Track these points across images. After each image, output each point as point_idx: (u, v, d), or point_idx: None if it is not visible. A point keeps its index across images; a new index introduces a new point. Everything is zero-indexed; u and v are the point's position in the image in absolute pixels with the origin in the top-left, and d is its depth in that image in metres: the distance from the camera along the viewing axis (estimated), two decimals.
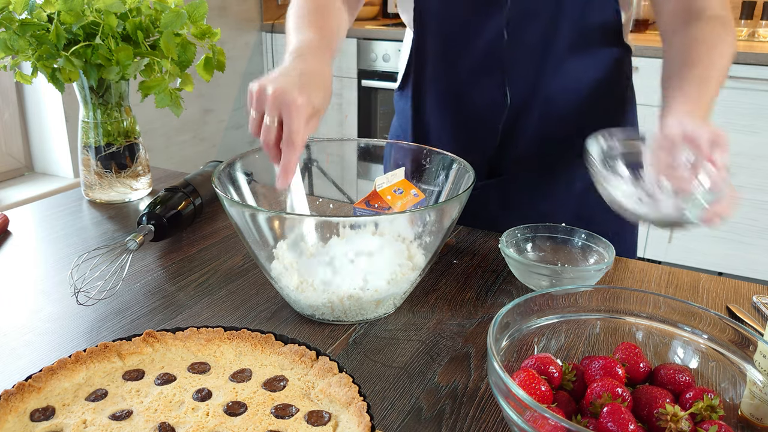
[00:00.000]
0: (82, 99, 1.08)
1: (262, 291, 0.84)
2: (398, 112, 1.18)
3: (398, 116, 1.19)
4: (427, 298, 0.83)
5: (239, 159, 0.84)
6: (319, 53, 0.82)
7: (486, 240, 1.00)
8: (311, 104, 0.72)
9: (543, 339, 0.64)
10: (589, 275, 0.81)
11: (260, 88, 0.72)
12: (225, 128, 3.33)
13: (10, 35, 0.96)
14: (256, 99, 0.73)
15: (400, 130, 1.18)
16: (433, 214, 0.76)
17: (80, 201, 1.14)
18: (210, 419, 0.54)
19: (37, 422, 0.53)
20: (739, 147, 2.62)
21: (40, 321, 0.77)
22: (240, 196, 0.82)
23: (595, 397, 0.54)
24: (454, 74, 1.04)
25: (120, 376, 0.59)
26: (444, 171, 0.87)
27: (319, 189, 1.01)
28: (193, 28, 1.06)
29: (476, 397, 0.65)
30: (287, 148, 0.71)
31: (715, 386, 0.60)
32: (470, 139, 1.08)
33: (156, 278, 0.88)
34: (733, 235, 2.73)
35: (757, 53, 2.48)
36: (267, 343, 0.63)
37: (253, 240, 0.74)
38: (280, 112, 0.71)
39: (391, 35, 3.11)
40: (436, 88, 1.08)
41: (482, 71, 1.02)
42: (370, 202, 0.87)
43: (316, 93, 0.73)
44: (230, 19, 3.23)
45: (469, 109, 1.06)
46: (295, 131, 0.70)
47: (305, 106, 0.71)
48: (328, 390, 0.56)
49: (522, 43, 0.98)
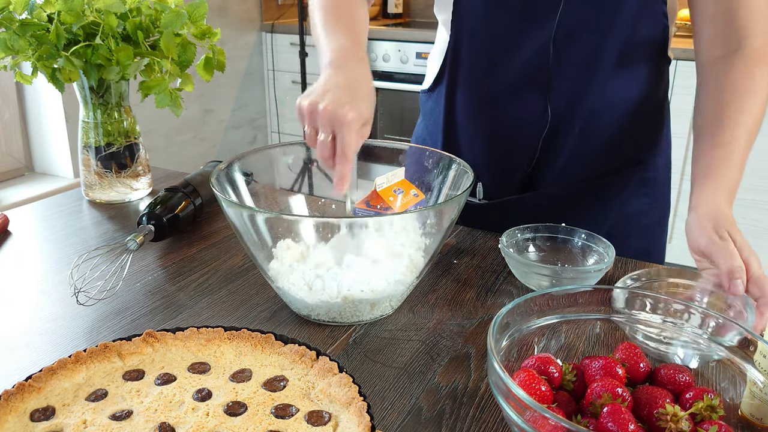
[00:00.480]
0: (82, 99, 1.08)
1: (262, 291, 0.84)
2: (426, 115, 1.14)
3: (425, 119, 1.15)
4: (427, 298, 0.83)
5: (238, 160, 0.84)
6: (357, 61, 0.83)
7: (486, 240, 1.00)
8: (362, 117, 0.75)
9: (543, 339, 0.64)
10: (589, 275, 0.82)
11: (311, 106, 0.75)
12: (225, 128, 3.33)
13: (10, 35, 0.96)
14: (308, 116, 0.75)
15: (426, 133, 1.14)
16: (432, 214, 0.76)
17: (80, 201, 1.14)
18: (210, 419, 0.54)
19: (37, 422, 0.53)
20: None
21: (40, 321, 0.77)
22: (238, 197, 0.82)
23: (595, 397, 0.54)
24: (493, 84, 1.00)
25: (120, 376, 0.59)
26: (443, 172, 0.87)
27: (319, 189, 1.01)
28: (193, 28, 1.06)
29: (476, 397, 0.65)
30: (341, 162, 0.74)
31: (715, 386, 0.60)
32: (506, 153, 1.05)
33: (156, 278, 0.88)
34: None
35: None
36: (267, 343, 0.63)
37: (252, 241, 0.74)
38: (333, 129, 0.73)
39: (391, 35, 3.11)
40: (471, 96, 1.03)
41: (523, 85, 0.98)
42: (370, 202, 0.87)
43: (364, 104, 0.76)
44: (230, 19, 3.23)
45: (506, 121, 1.02)
46: (347, 146, 0.73)
47: (356, 120, 0.73)
48: (328, 390, 0.56)
49: (568, 59, 0.95)
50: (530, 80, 0.97)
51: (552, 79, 0.96)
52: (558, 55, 0.94)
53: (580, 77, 0.96)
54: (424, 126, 1.15)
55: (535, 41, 0.95)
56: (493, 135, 1.04)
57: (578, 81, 0.96)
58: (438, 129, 1.09)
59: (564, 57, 0.95)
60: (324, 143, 0.74)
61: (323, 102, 0.74)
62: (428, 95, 1.12)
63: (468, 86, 1.03)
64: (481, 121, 1.04)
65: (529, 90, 0.98)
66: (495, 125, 1.03)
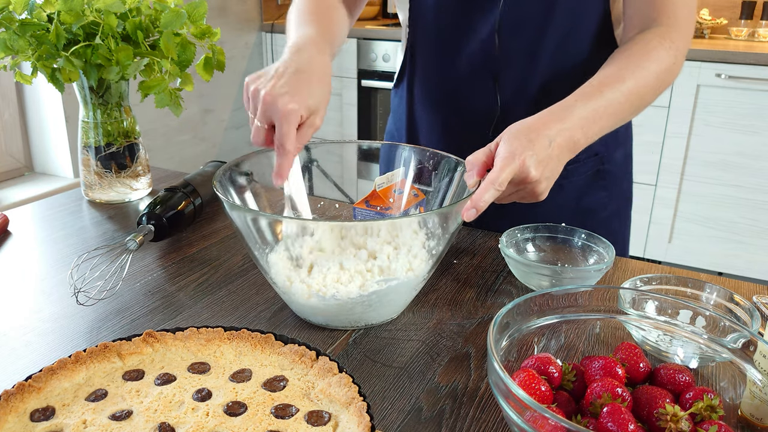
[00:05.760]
0: (82, 99, 1.08)
1: (262, 291, 0.84)
2: (393, 111, 1.19)
3: (393, 115, 1.19)
4: (427, 298, 0.83)
5: (241, 162, 0.83)
6: (317, 47, 0.83)
7: (486, 240, 1.00)
8: (304, 108, 0.74)
9: (543, 339, 0.64)
10: (589, 275, 0.81)
11: (255, 91, 0.74)
12: (225, 128, 3.33)
13: (10, 35, 0.96)
14: (251, 100, 0.75)
15: (394, 128, 1.18)
16: (440, 217, 0.75)
17: (80, 201, 1.14)
18: (210, 419, 0.54)
19: (37, 422, 0.53)
20: (739, 147, 2.62)
21: (40, 321, 0.77)
22: (241, 199, 0.82)
23: (595, 397, 0.54)
24: (447, 75, 1.05)
25: (120, 376, 0.59)
26: (449, 174, 0.86)
27: (319, 189, 1.01)
28: (192, 28, 1.06)
29: (476, 397, 0.65)
30: (278, 153, 0.73)
31: (715, 386, 0.60)
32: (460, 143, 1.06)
33: (156, 278, 0.88)
34: (733, 235, 2.73)
35: (757, 53, 2.49)
36: (267, 343, 0.63)
37: (254, 242, 0.74)
38: (271, 118, 0.73)
39: (391, 35, 3.11)
40: (429, 88, 1.08)
41: (473, 76, 1.02)
42: (370, 202, 0.87)
43: (311, 93, 0.75)
44: (230, 19, 3.23)
45: (460, 111, 1.06)
46: (285, 136, 0.72)
47: (296, 112, 0.72)
48: (328, 390, 0.56)
49: (513, 48, 0.98)
50: (479, 71, 1.01)
51: (499, 68, 1.00)
52: (503, 45, 0.98)
53: (526, 66, 0.99)
54: (393, 122, 1.19)
55: (481, 32, 0.98)
56: (448, 125, 1.08)
57: (524, 69, 0.99)
58: (403, 124, 1.14)
59: (509, 47, 0.98)
60: (258, 129, 0.73)
61: (266, 89, 0.73)
62: (395, 92, 1.17)
63: (425, 79, 1.08)
64: (438, 113, 1.08)
65: (479, 80, 1.02)
66: (450, 116, 1.08)
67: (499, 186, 0.71)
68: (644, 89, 0.85)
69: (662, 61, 0.86)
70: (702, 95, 2.62)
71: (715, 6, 3.10)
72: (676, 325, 0.63)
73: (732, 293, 0.74)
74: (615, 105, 0.82)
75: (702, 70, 2.58)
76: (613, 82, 0.83)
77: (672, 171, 2.75)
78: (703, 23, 2.94)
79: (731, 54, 2.53)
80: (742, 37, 2.92)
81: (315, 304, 0.74)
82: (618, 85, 0.83)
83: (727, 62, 2.54)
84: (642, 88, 0.84)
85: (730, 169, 2.65)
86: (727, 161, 2.65)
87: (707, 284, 0.76)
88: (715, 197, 2.72)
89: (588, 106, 0.80)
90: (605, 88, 0.82)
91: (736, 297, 0.73)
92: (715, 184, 2.70)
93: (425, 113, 1.10)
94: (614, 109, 0.82)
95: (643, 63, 0.85)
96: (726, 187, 2.69)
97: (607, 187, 1.08)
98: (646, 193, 2.81)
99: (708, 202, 2.74)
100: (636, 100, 0.85)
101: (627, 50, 0.87)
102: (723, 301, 0.74)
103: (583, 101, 0.81)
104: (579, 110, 0.80)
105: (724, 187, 2.69)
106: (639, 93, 0.84)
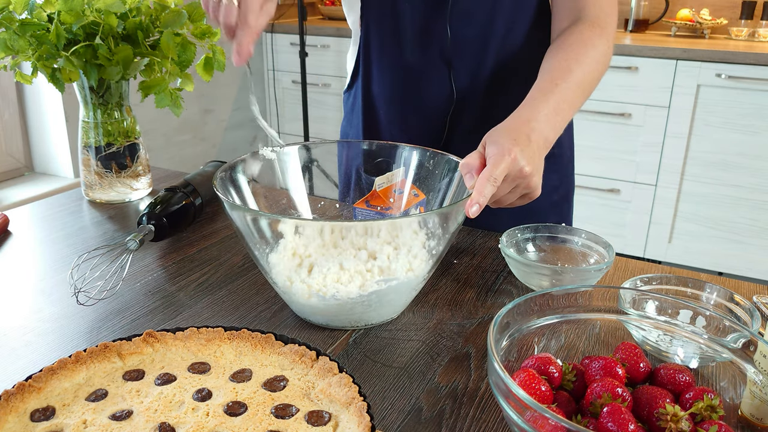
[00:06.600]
0: (82, 99, 1.08)
1: (262, 291, 0.84)
2: (346, 113, 1.22)
3: (346, 117, 1.22)
4: (427, 298, 0.83)
5: (240, 162, 0.84)
6: None
7: (486, 240, 1.00)
8: None
9: (543, 339, 0.64)
10: (589, 275, 0.81)
11: None
12: (225, 128, 3.33)
13: (10, 35, 0.96)
14: None
15: (349, 128, 1.21)
16: (441, 217, 0.75)
17: (80, 201, 1.14)
18: (210, 419, 0.54)
19: (37, 422, 0.53)
20: (739, 147, 2.62)
21: (40, 321, 0.77)
22: (241, 198, 0.82)
23: (595, 397, 0.54)
24: (402, 68, 1.08)
25: (120, 376, 0.59)
26: (449, 174, 0.86)
27: (319, 189, 1.01)
28: (193, 27, 1.06)
29: (476, 397, 0.65)
30: (241, 28, 0.75)
31: (715, 386, 0.60)
32: (420, 134, 1.12)
33: (156, 278, 0.88)
34: (733, 235, 2.73)
35: (757, 53, 2.49)
36: (267, 343, 0.63)
37: (254, 242, 0.74)
38: None
39: None
40: (384, 84, 1.11)
41: (429, 67, 1.06)
42: (370, 202, 0.87)
43: None
44: None
45: (418, 103, 1.10)
46: (248, 9, 0.74)
47: None
48: (328, 390, 0.56)
49: (464, 40, 1.03)
50: (434, 62, 1.05)
51: (453, 59, 1.04)
52: (455, 35, 1.03)
53: (478, 53, 1.04)
54: (347, 122, 1.22)
55: (433, 24, 1.03)
56: (407, 117, 1.12)
57: (476, 56, 1.04)
58: (359, 121, 1.16)
59: (460, 37, 1.03)
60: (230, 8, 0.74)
61: None
62: (348, 94, 1.20)
63: (380, 77, 1.11)
64: (395, 107, 1.12)
65: (434, 71, 1.06)
66: (408, 109, 1.11)
67: (495, 180, 0.73)
68: (590, 76, 0.91)
69: (598, 48, 0.92)
70: (702, 95, 2.62)
71: (715, 6, 3.10)
72: (677, 325, 0.63)
73: (732, 293, 0.74)
74: (570, 96, 0.87)
75: (702, 70, 2.58)
76: (564, 74, 0.88)
77: (672, 171, 2.75)
78: (703, 23, 2.94)
79: (731, 54, 2.53)
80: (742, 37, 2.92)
81: (315, 304, 0.74)
82: (568, 77, 0.88)
83: (727, 62, 2.54)
84: (588, 75, 0.90)
85: (730, 169, 2.65)
86: (727, 161, 2.65)
87: (707, 284, 0.76)
88: (715, 197, 2.72)
89: (549, 102, 0.85)
90: (559, 81, 0.87)
91: (736, 297, 0.73)
92: (715, 184, 2.70)
93: (383, 110, 1.13)
94: (570, 100, 0.87)
95: (584, 52, 0.91)
96: (726, 187, 2.68)
97: (557, 170, 1.12)
98: (646, 193, 2.81)
99: (708, 202, 2.74)
100: (586, 87, 0.91)
101: (565, 42, 0.93)
102: (723, 301, 0.74)
103: (542, 97, 0.85)
104: (542, 107, 0.84)
105: (724, 187, 2.69)
106: (586, 80, 0.90)
